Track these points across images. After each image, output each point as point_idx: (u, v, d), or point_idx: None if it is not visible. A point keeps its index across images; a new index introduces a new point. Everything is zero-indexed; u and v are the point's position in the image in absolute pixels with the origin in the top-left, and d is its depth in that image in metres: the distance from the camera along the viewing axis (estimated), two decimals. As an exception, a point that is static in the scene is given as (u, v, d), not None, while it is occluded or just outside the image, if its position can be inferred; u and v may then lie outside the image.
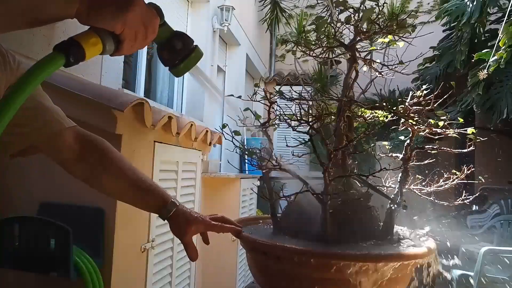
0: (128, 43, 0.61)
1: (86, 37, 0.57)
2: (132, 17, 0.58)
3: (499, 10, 4.75)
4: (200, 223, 0.93)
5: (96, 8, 0.56)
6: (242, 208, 3.77)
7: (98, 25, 0.57)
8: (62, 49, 0.55)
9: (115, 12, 0.57)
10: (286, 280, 0.93)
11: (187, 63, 0.73)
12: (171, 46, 0.71)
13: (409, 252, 0.90)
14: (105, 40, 0.59)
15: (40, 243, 1.38)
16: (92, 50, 0.58)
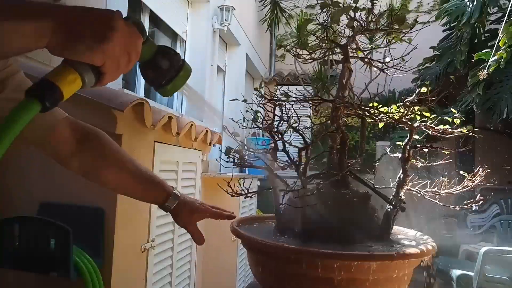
0: (110, 74, 0.54)
1: (62, 75, 0.51)
2: (113, 46, 0.51)
3: (499, 10, 4.74)
4: (203, 211, 0.96)
5: (71, 40, 0.49)
6: (242, 208, 3.77)
7: (75, 58, 0.51)
8: (36, 94, 0.49)
9: (93, 43, 0.50)
10: (287, 279, 0.93)
11: (175, 83, 0.65)
12: (156, 65, 0.63)
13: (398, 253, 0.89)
14: (84, 74, 0.52)
15: (40, 243, 1.38)
16: (70, 88, 0.51)
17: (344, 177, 1.07)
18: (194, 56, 3.81)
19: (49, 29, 0.48)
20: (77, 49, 0.50)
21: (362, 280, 0.87)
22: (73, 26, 0.49)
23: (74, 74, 0.51)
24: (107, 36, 0.50)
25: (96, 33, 0.50)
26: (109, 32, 0.51)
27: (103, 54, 0.51)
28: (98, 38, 0.50)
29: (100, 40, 0.50)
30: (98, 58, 0.51)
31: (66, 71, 0.51)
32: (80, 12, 0.51)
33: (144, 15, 3.06)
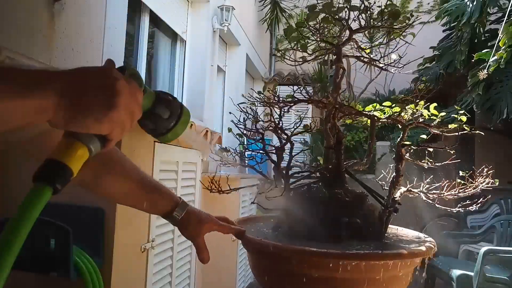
0: (116, 139, 0.51)
1: (69, 152, 0.47)
2: (119, 113, 0.47)
3: (499, 10, 4.74)
4: (212, 222, 0.90)
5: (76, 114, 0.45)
6: (242, 208, 3.77)
7: (81, 131, 0.47)
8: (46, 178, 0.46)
9: (100, 114, 0.46)
10: (288, 279, 0.93)
11: (176, 130, 0.61)
12: (155, 116, 0.59)
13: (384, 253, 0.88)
14: (91, 144, 0.49)
15: (40, 243, 1.38)
16: (79, 163, 0.48)
17: (340, 177, 1.07)
18: (194, 56, 3.81)
19: (52, 104, 0.44)
20: (83, 122, 0.46)
21: (363, 280, 0.87)
22: (76, 98, 0.45)
23: (81, 148, 0.48)
24: (113, 104, 0.47)
25: (101, 102, 0.46)
26: (115, 98, 0.47)
27: (111, 123, 0.47)
28: (105, 107, 0.46)
29: (107, 109, 0.46)
30: (106, 128, 0.48)
31: (73, 146, 0.48)
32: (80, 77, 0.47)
33: (144, 15, 3.06)
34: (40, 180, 0.46)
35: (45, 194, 0.46)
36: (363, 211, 1.02)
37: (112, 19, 2.23)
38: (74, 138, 0.48)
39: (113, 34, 2.26)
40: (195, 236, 0.88)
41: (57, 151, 0.48)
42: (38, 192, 0.46)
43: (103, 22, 2.16)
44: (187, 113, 0.63)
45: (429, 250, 0.91)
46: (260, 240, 0.94)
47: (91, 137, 0.49)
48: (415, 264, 0.94)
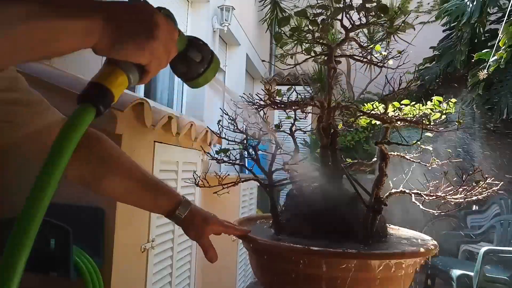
0: (153, 72, 0.53)
1: (112, 78, 0.49)
2: (158, 44, 0.50)
3: (499, 10, 4.74)
4: (217, 223, 0.88)
5: (120, 41, 0.47)
6: (242, 208, 3.77)
7: (122, 58, 0.50)
8: (90, 99, 0.48)
9: (141, 43, 0.49)
10: (289, 279, 0.93)
11: (207, 75, 0.63)
12: (188, 59, 0.61)
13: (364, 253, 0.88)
14: (130, 74, 0.51)
15: (40, 243, 1.38)
16: (120, 89, 0.51)
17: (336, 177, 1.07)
18: (194, 56, 3.81)
19: (98, 28, 0.46)
20: (125, 50, 0.48)
21: (363, 279, 0.87)
22: (121, 25, 0.47)
23: (122, 75, 0.50)
24: (153, 35, 0.49)
25: (143, 32, 0.49)
26: (155, 29, 0.49)
27: (150, 53, 0.50)
28: (145, 37, 0.49)
29: (147, 38, 0.49)
30: (146, 58, 0.50)
31: (115, 72, 0.50)
32: (123, 8, 0.49)
33: (144, 15, 3.06)
34: (84, 100, 0.47)
35: (89, 114, 0.47)
36: (355, 211, 1.01)
37: (112, 19, 2.22)
38: (116, 66, 0.50)
39: (113, 34, 2.25)
40: (200, 237, 0.86)
41: (100, 76, 0.49)
42: (83, 112, 0.47)
43: (103, 22, 2.16)
44: (217, 60, 0.64)
45: (430, 250, 0.91)
46: (260, 240, 0.94)
47: (131, 66, 0.50)
48: (416, 264, 0.94)
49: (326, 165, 1.08)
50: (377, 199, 0.98)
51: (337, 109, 1.08)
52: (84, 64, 2.02)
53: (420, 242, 1.02)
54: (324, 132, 1.08)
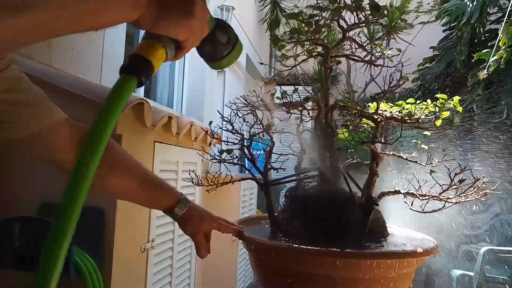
0: (187, 48, 0.56)
1: (153, 50, 0.52)
2: (195, 22, 0.53)
3: (499, 10, 4.74)
4: (212, 220, 0.92)
5: (162, 16, 0.50)
6: (242, 208, 3.77)
7: (163, 33, 0.52)
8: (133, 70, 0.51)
9: (181, 19, 0.51)
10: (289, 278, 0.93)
11: (231, 57, 0.66)
12: (215, 40, 0.63)
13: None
14: (168, 48, 0.54)
15: (40, 243, 1.38)
16: (159, 62, 0.54)
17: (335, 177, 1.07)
18: (194, 56, 3.80)
19: (143, 3, 0.48)
20: (166, 25, 0.51)
21: (363, 279, 0.87)
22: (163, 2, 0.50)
23: (162, 49, 0.53)
24: (192, 12, 0.52)
25: (183, 9, 0.51)
26: (193, 7, 0.52)
27: (188, 30, 0.52)
28: (184, 13, 0.51)
29: (187, 15, 0.51)
30: (184, 34, 0.53)
31: (156, 46, 0.52)
32: None
33: (144, 15, 3.06)
34: (127, 71, 0.50)
35: (131, 84, 0.50)
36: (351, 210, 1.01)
37: (112, 19, 2.22)
38: (156, 40, 0.53)
39: (113, 34, 2.26)
40: (195, 233, 0.90)
41: (141, 48, 0.52)
42: (125, 82, 0.49)
43: (103, 22, 2.16)
44: (241, 44, 0.67)
45: (431, 250, 0.91)
46: (260, 240, 0.94)
47: (169, 41, 0.53)
48: (417, 264, 0.94)
49: (324, 165, 1.08)
50: (368, 199, 0.98)
51: (335, 109, 1.08)
52: (84, 64, 2.02)
53: (420, 242, 1.02)
54: (321, 132, 1.08)
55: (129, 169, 0.86)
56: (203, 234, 0.91)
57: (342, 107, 1.09)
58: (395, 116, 1.01)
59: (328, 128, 1.08)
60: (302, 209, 1.01)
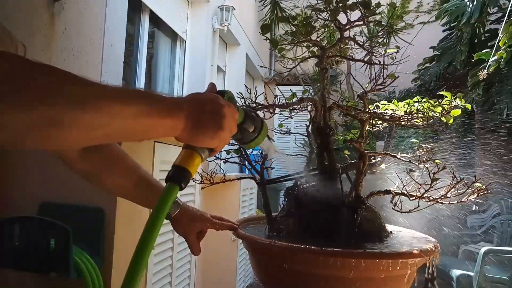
0: (218, 150, 0.66)
1: (191, 161, 0.63)
2: (225, 133, 0.63)
3: (499, 10, 4.74)
4: (203, 220, 0.97)
5: (197, 132, 0.60)
6: (242, 208, 3.77)
7: (199, 145, 0.62)
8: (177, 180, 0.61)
9: (213, 134, 0.61)
10: (289, 278, 0.93)
11: (257, 141, 0.77)
12: (243, 129, 0.75)
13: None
14: (203, 154, 0.64)
15: (40, 243, 1.38)
16: (195, 168, 0.64)
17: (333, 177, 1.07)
18: (194, 56, 3.81)
19: (182, 124, 0.58)
20: (201, 139, 0.61)
21: (363, 279, 0.87)
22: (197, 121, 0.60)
23: (197, 157, 0.64)
24: (222, 126, 0.62)
25: (214, 124, 0.61)
26: (223, 121, 0.62)
27: (219, 140, 0.63)
28: (216, 128, 0.61)
29: (218, 129, 0.61)
30: (215, 144, 0.63)
31: (193, 156, 0.63)
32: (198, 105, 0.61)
33: (144, 15, 3.06)
34: (172, 181, 0.61)
35: (175, 191, 0.60)
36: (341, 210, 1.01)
37: (112, 19, 2.22)
38: (193, 150, 0.63)
39: (113, 34, 2.25)
40: (187, 233, 0.96)
41: (182, 160, 0.63)
42: (171, 190, 0.60)
43: (103, 22, 2.16)
44: (266, 127, 0.78)
45: (431, 251, 0.91)
46: (260, 240, 0.94)
47: (204, 149, 0.64)
48: (417, 264, 0.94)
49: (322, 165, 1.08)
50: (356, 199, 0.98)
51: (333, 109, 1.08)
52: (84, 64, 2.02)
53: (420, 242, 1.02)
54: (318, 132, 1.08)
55: (126, 169, 0.93)
56: (195, 234, 0.97)
57: (340, 107, 1.09)
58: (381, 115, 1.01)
59: (326, 128, 1.08)
60: (297, 208, 1.02)
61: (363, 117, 1.02)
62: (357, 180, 1.00)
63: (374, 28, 1.09)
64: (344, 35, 1.08)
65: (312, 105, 1.08)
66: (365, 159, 1.00)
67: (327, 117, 1.08)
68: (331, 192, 1.04)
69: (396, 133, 4.48)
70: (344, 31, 1.07)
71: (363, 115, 1.02)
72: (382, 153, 1.05)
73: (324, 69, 1.09)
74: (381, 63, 1.08)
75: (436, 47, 5.43)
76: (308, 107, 1.11)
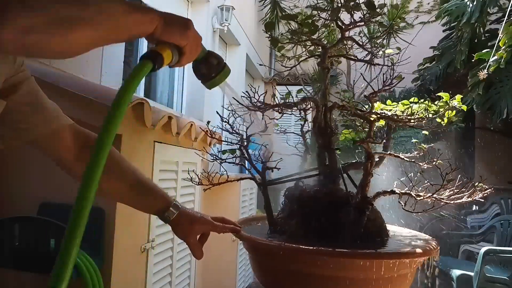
0: (187, 55, 0.74)
1: (164, 49, 0.70)
2: (192, 33, 0.73)
3: (499, 10, 4.74)
4: (203, 223, 0.96)
5: (168, 27, 0.69)
6: (242, 208, 3.77)
7: (169, 40, 0.70)
8: (150, 57, 0.67)
9: (182, 29, 0.71)
10: (289, 278, 0.93)
11: (221, 76, 0.85)
12: (208, 63, 0.83)
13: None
14: (173, 52, 0.71)
15: (40, 243, 1.38)
16: (167, 59, 0.70)
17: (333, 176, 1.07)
18: (194, 56, 3.80)
19: (157, 19, 0.68)
20: (172, 33, 0.70)
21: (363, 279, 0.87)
22: (169, 19, 0.70)
23: (169, 50, 0.70)
24: (189, 27, 0.73)
25: (183, 25, 0.72)
26: (190, 25, 0.73)
27: (187, 38, 0.72)
28: (184, 26, 0.72)
29: (186, 27, 0.72)
30: (184, 40, 0.72)
31: (165, 47, 0.70)
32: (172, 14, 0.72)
33: (144, 15, 3.05)
34: (147, 58, 0.67)
35: (148, 67, 0.66)
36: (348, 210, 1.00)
37: (112, 19, 2.22)
38: (165, 44, 0.70)
39: (113, 34, 2.25)
40: (187, 236, 0.94)
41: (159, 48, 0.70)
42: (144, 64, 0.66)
43: (103, 22, 2.16)
44: (228, 67, 0.86)
45: (431, 251, 0.91)
46: (260, 240, 0.94)
47: (174, 47, 0.71)
48: (417, 265, 0.94)
49: (323, 165, 1.08)
50: (363, 199, 0.98)
51: (334, 109, 1.08)
52: (84, 64, 2.01)
53: (420, 242, 1.02)
54: (320, 132, 1.08)
55: (122, 172, 0.92)
56: (196, 237, 0.95)
57: (341, 107, 1.09)
58: (389, 115, 1.01)
59: (327, 128, 1.08)
60: (299, 209, 1.01)
61: (371, 118, 1.01)
62: (365, 180, 0.99)
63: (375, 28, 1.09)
64: (345, 35, 1.07)
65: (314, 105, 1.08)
66: (372, 160, 1.00)
67: (328, 117, 1.08)
68: (334, 192, 1.04)
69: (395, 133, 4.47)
70: (346, 31, 1.07)
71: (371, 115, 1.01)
72: (387, 154, 1.05)
73: (326, 68, 1.09)
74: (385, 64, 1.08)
75: (436, 47, 5.42)
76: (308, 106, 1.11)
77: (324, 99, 1.07)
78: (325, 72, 1.10)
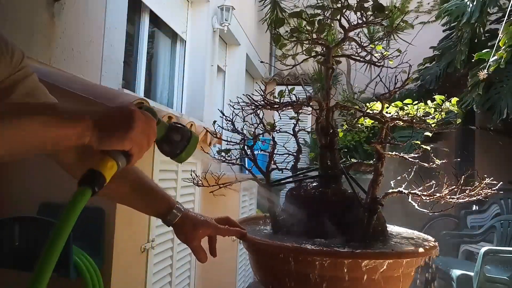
0: (135, 156, 0.67)
1: (103, 164, 0.63)
2: (135, 133, 0.64)
3: (499, 10, 4.74)
4: (207, 226, 0.92)
5: (105, 136, 0.62)
6: (242, 208, 3.77)
7: (110, 148, 0.64)
8: (87, 183, 0.61)
9: (122, 135, 0.63)
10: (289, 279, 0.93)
11: (187, 151, 0.77)
12: (170, 140, 0.76)
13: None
14: (118, 159, 0.65)
15: (40, 243, 1.38)
16: (110, 172, 0.64)
17: (335, 177, 1.07)
18: (194, 56, 3.81)
19: (89, 129, 0.61)
20: (111, 141, 0.63)
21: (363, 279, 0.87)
22: (104, 125, 0.62)
23: (111, 161, 0.64)
24: (131, 127, 0.64)
25: (122, 126, 0.64)
26: (132, 123, 0.64)
27: (130, 141, 0.64)
28: (124, 129, 0.63)
29: (126, 130, 0.63)
30: (127, 145, 0.64)
31: (105, 160, 0.63)
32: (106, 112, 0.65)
33: (144, 15, 3.06)
34: (83, 184, 0.61)
35: (87, 194, 0.61)
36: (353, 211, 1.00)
37: (112, 19, 2.22)
38: (106, 154, 0.64)
39: (113, 34, 2.26)
40: (190, 240, 0.91)
41: (95, 163, 0.63)
42: (81, 193, 0.60)
43: (103, 22, 2.16)
44: (195, 137, 0.78)
45: (430, 251, 0.91)
46: (260, 240, 0.94)
47: (118, 153, 0.64)
48: (417, 264, 0.94)
49: (325, 165, 1.08)
50: (373, 199, 0.97)
51: (336, 109, 1.08)
52: (84, 64, 2.02)
53: (420, 242, 1.02)
54: (322, 132, 1.08)
55: (125, 174, 0.88)
56: (199, 240, 0.92)
57: (342, 107, 1.09)
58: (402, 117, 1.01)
59: (330, 128, 1.08)
60: (304, 210, 1.01)
61: (384, 119, 1.01)
62: (375, 181, 0.98)
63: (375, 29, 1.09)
64: (348, 35, 1.07)
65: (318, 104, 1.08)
66: (383, 160, 1.00)
67: (330, 117, 1.08)
68: (340, 192, 1.04)
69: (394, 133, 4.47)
70: (349, 31, 1.06)
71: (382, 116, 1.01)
72: (394, 154, 1.05)
73: (330, 68, 1.08)
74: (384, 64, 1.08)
75: (436, 47, 5.43)
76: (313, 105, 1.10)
77: (328, 99, 1.07)
78: (329, 71, 1.09)
